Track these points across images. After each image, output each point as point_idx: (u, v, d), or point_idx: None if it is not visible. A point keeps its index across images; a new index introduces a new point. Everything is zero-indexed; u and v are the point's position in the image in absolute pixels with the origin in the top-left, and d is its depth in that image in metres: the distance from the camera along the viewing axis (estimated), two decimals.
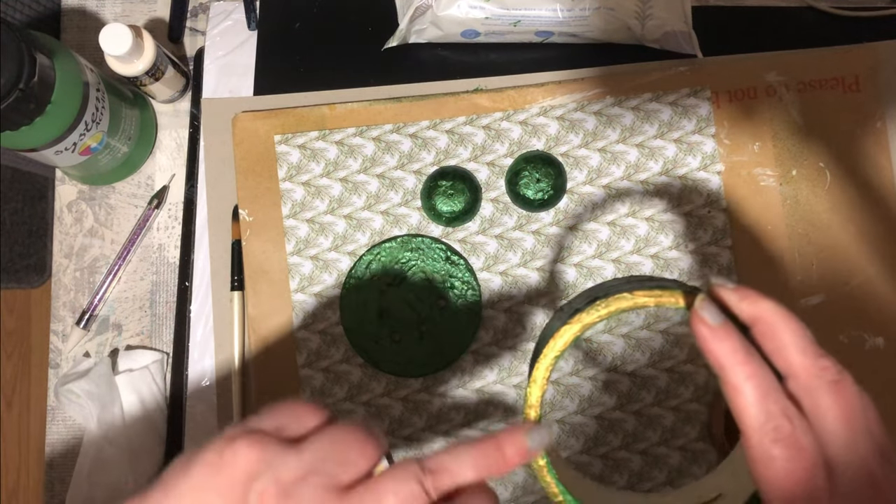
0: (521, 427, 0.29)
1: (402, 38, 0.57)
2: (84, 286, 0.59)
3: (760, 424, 0.27)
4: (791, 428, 0.27)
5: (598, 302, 0.30)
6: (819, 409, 0.27)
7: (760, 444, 0.27)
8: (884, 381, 0.54)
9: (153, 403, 0.56)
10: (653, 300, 0.30)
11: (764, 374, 0.27)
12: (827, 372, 0.27)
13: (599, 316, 0.30)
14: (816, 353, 0.28)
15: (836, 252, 0.55)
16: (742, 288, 0.29)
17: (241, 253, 0.56)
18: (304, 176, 0.56)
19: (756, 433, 0.27)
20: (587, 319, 0.30)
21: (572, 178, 0.56)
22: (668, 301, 0.30)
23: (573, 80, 0.57)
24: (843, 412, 0.27)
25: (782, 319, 0.28)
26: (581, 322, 0.30)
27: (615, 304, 0.30)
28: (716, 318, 0.28)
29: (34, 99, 0.47)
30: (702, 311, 0.28)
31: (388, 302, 0.55)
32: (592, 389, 0.54)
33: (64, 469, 0.56)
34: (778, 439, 0.26)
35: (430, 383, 0.55)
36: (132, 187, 0.60)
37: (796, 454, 0.26)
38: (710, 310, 0.28)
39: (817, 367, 0.27)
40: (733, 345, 0.28)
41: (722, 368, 0.28)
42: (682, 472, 0.53)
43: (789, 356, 0.28)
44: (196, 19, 0.62)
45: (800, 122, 0.56)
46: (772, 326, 0.28)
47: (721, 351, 0.28)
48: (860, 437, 0.27)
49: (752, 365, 0.27)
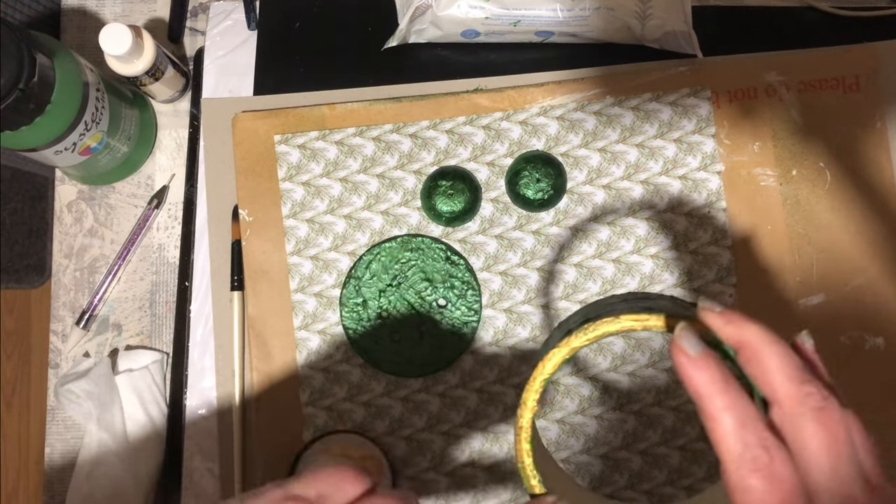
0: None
1: (402, 38, 0.57)
2: (84, 286, 0.59)
3: (738, 455, 0.27)
4: (768, 459, 0.26)
5: (587, 325, 0.31)
6: (802, 438, 0.27)
7: (738, 474, 0.27)
8: (884, 381, 0.54)
9: (153, 403, 0.56)
10: (639, 324, 0.30)
11: (742, 404, 0.27)
12: (811, 399, 0.27)
13: (588, 339, 0.31)
14: (801, 380, 0.27)
15: (836, 252, 0.55)
16: (728, 312, 0.29)
17: (241, 253, 0.56)
18: (304, 176, 0.56)
19: (733, 463, 0.27)
20: (575, 343, 0.31)
21: (572, 178, 0.56)
22: (654, 325, 0.30)
23: (573, 80, 0.57)
24: (826, 440, 0.27)
25: (767, 344, 0.28)
26: (569, 346, 0.31)
27: (603, 328, 0.31)
28: (694, 348, 0.28)
29: (34, 99, 0.47)
30: (680, 341, 0.28)
31: (388, 302, 0.55)
32: (592, 389, 0.54)
33: (64, 469, 0.56)
34: (755, 469, 0.26)
35: (430, 383, 0.55)
36: (132, 187, 0.60)
37: (774, 485, 0.26)
38: (689, 339, 0.28)
39: (801, 393, 0.27)
40: (711, 375, 0.28)
41: (700, 398, 0.28)
42: (682, 472, 0.53)
43: (773, 382, 0.27)
44: (196, 19, 0.62)
45: (800, 122, 0.56)
46: (757, 352, 0.28)
47: (699, 380, 0.28)
48: (843, 465, 0.26)
49: (729, 395, 0.27)
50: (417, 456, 0.54)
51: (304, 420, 0.54)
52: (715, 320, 0.29)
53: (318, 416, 0.54)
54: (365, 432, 0.54)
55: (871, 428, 0.28)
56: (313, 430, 0.54)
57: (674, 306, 0.32)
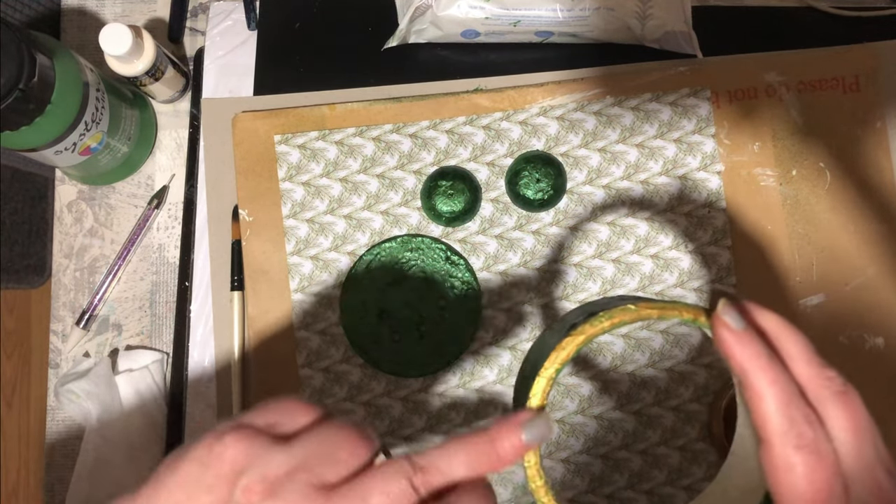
0: (517, 419, 0.28)
1: (402, 38, 0.57)
2: (84, 286, 0.59)
3: (784, 431, 0.27)
4: (813, 435, 0.26)
5: (601, 314, 0.30)
6: (828, 420, 0.27)
7: (783, 451, 0.27)
8: (884, 381, 0.54)
9: (153, 403, 0.56)
10: (657, 312, 0.30)
11: (786, 380, 0.27)
12: (833, 382, 0.27)
13: (603, 328, 0.30)
14: (821, 364, 0.28)
15: (836, 252, 0.55)
16: (746, 302, 0.29)
17: (241, 253, 0.56)
18: (304, 176, 0.56)
19: (779, 439, 0.27)
20: (591, 331, 0.30)
21: (572, 178, 0.56)
22: (672, 313, 0.30)
23: (573, 80, 0.57)
24: (852, 423, 0.27)
25: (786, 331, 0.28)
26: (585, 333, 0.30)
27: (619, 316, 0.30)
28: (739, 323, 0.28)
29: (34, 99, 0.47)
30: (725, 315, 0.28)
31: (388, 302, 0.55)
32: (592, 389, 0.54)
33: (64, 469, 0.56)
34: (801, 446, 0.26)
35: (430, 383, 0.55)
36: (132, 187, 0.60)
37: (818, 462, 0.26)
38: (733, 314, 0.28)
39: (823, 377, 0.27)
40: (756, 350, 0.28)
41: (745, 373, 0.28)
42: (682, 472, 0.53)
43: (795, 367, 0.28)
44: (196, 19, 0.62)
45: (800, 122, 0.56)
46: (776, 338, 0.28)
47: (744, 355, 0.28)
48: (867, 448, 0.27)
49: (774, 370, 0.27)
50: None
51: None
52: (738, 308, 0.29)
53: None
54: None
55: None
56: None
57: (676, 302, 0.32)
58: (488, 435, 0.28)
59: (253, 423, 0.28)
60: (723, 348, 0.28)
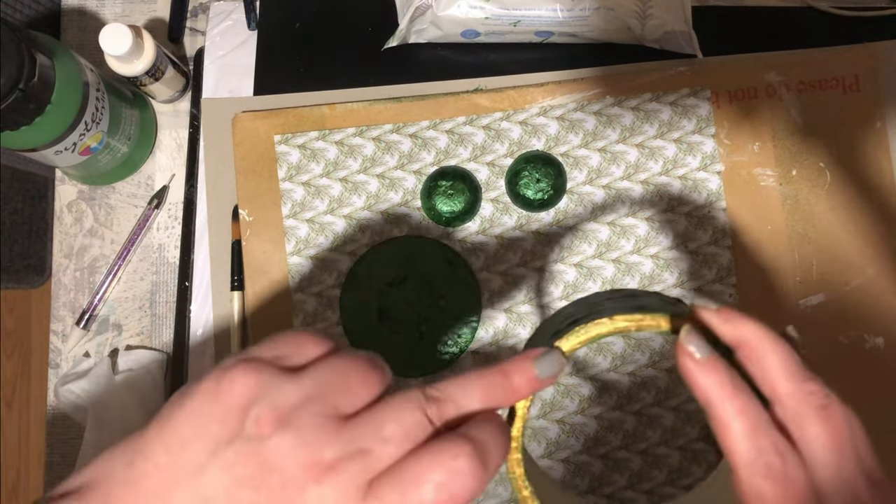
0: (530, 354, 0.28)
1: (402, 38, 0.57)
2: (84, 286, 0.59)
3: (751, 461, 0.26)
4: (782, 463, 0.26)
5: (578, 328, 0.29)
6: (807, 437, 0.26)
7: (751, 481, 0.26)
8: (884, 381, 0.54)
9: (153, 404, 0.56)
10: (633, 324, 0.29)
11: (753, 408, 0.27)
12: (814, 397, 0.27)
13: (580, 342, 0.29)
14: (803, 377, 0.27)
15: (836, 252, 0.55)
16: (725, 310, 0.28)
17: (241, 253, 0.56)
18: (304, 176, 0.56)
19: (747, 470, 0.26)
20: (565, 347, 0.29)
21: (572, 178, 0.56)
22: (649, 325, 0.29)
23: (573, 80, 0.57)
24: (831, 439, 0.26)
25: (767, 342, 0.27)
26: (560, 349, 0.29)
27: (595, 330, 0.29)
28: (702, 351, 0.27)
29: (34, 99, 0.47)
30: (687, 344, 0.27)
31: (388, 302, 0.55)
32: (592, 389, 0.54)
33: (64, 469, 0.56)
34: (769, 476, 0.26)
35: (430, 383, 0.55)
36: (132, 187, 0.60)
37: (787, 491, 0.26)
38: (696, 342, 0.28)
39: (804, 392, 0.27)
40: (720, 378, 0.27)
41: (709, 403, 0.27)
42: (682, 472, 0.53)
43: (775, 381, 0.27)
44: (196, 19, 0.62)
45: (800, 122, 0.56)
46: (756, 350, 0.27)
47: (708, 385, 0.27)
48: (848, 463, 0.26)
49: (740, 399, 0.27)
50: None
51: None
52: (712, 318, 0.28)
53: None
54: None
55: (870, 429, 0.28)
56: None
57: (664, 304, 0.31)
58: (502, 368, 0.27)
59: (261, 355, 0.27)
60: (686, 377, 0.27)
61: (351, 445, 0.24)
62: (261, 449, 0.24)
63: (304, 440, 0.24)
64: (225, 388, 0.25)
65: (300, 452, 0.24)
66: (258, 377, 0.25)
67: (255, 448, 0.24)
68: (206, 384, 0.26)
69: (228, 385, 0.25)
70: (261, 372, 0.26)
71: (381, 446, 0.24)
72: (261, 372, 0.26)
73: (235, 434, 0.25)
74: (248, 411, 0.25)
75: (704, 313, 0.29)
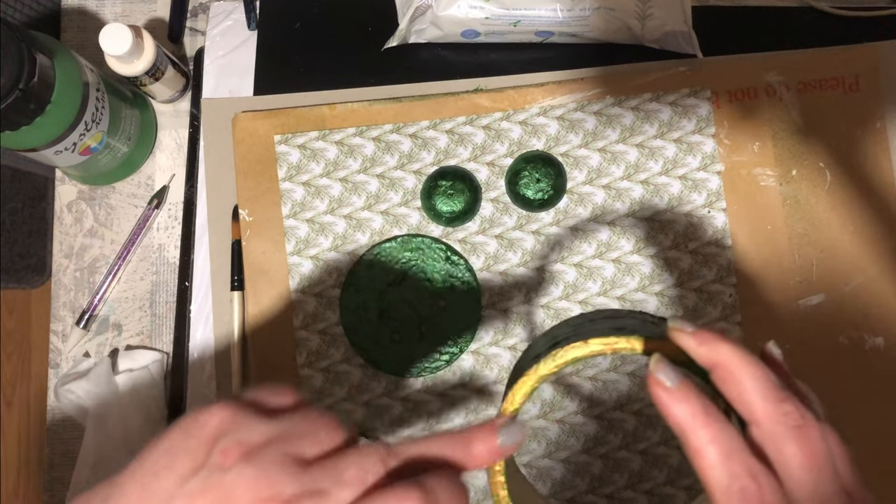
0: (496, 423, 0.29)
1: (402, 38, 0.57)
2: (84, 286, 0.59)
3: (726, 487, 0.26)
4: (757, 487, 0.26)
5: (556, 351, 0.30)
6: (784, 457, 0.27)
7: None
8: (884, 381, 0.54)
9: (153, 404, 0.56)
10: (608, 347, 0.29)
11: (725, 434, 0.27)
12: (789, 417, 0.27)
13: (556, 366, 0.30)
14: (778, 398, 0.27)
15: (836, 252, 0.55)
16: (700, 332, 0.28)
17: (241, 253, 0.56)
18: (304, 176, 0.56)
19: (722, 496, 0.26)
20: (543, 371, 0.30)
21: (572, 178, 0.56)
22: (623, 347, 0.29)
23: (573, 80, 0.57)
24: (807, 457, 0.26)
25: (742, 364, 0.27)
26: (537, 374, 0.30)
27: (571, 353, 0.30)
28: (672, 380, 0.28)
29: (34, 99, 0.47)
30: (657, 374, 0.28)
31: (388, 302, 0.55)
32: (592, 389, 0.54)
33: (64, 469, 0.56)
34: (744, 500, 0.26)
35: (430, 383, 0.55)
36: (132, 187, 0.60)
37: None
38: (666, 371, 0.28)
39: (779, 412, 0.27)
40: (692, 407, 0.27)
41: (682, 431, 0.27)
42: (682, 472, 0.53)
43: (751, 403, 0.27)
44: (196, 19, 0.62)
45: (800, 122, 0.56)
46: (732, 372, 0.27)
47: (680, 413, 0.27)
48: (825, 480, 0.26)
49: (712, 427, 0.27)
50: None
51: None
52: (687, 341, 0.28)
53: None
54: (365, 432, 0.54)
55: (870, 429, 0.28)
56: None
57: (643, 325, 0.31)
58: (466, 435, 0.29)
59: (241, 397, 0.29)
60: (658, 406, 0.28)
61: (310, 485, 0.26)
62: (222, 479, 0.26)
63: (265, 475, 0.25)
64: (200, 422, 0.27)
65: (260, 485, 0.25)
66: (233, 414, 0.27)
67: (217, 478, 0.26)
68: (183, 421, 0.28)
69: (204, 419, 0.27)
70: (236, 410, 0.27)
71: (338, 489, 0.26)
72: (236, 410, 0.27)
73: (202, 464, 0.26)
74: (217, 443, 0.26)
75: (680, 336, 0.29)
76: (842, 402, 0.29)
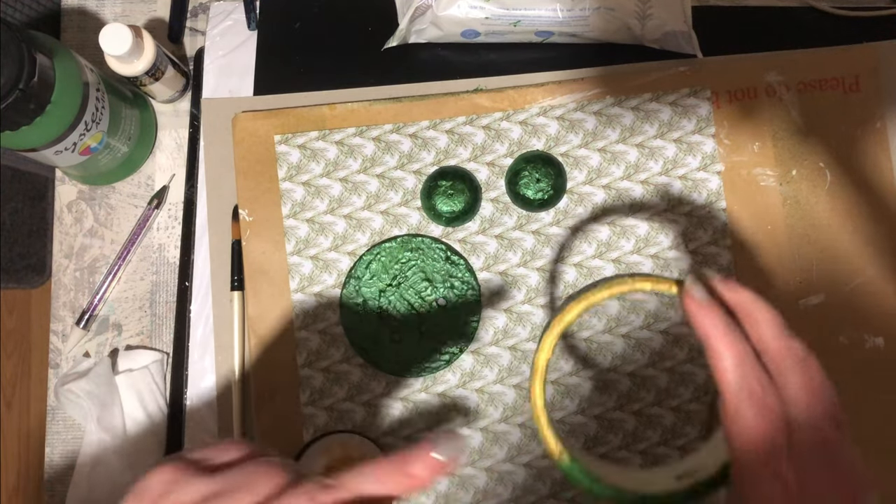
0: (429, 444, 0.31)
1: (402, 38, 0.57)
2: (84, 286, 0.59)
3: (737, 386, 0.31)
4: (762, 391, 0.31)
5: (601, 285, 0.35)
6: (786, 379, 0.32)
7: (735, 402, 0.31)
8: (884, 381, 0.54)
9: (153, 403, 0.56)
10: (650, 284, 0.34)
11: (742, 345, 0.32)
12: (795, 351, 0.32)
13: (604, 296, 0.34)
14: (787, 336, 0.32)
15: (836, 252, 0.55)
16: (726, 279, 0.34)
17: (241, 253, 0.56)
18: (304, 176, 0.56)
19: (731, 393, 0.32)
20: (593, 298, 0.35)
21: (572, 178, 0.56)
22: (663, 287, 0.35)
23: (573, 80, 0.57)
24: (806, 382, 0.31)
25: (759, 306, 0.33)
26: (587, 300, 0.35)
27: (617, 287, 0.34)
28: (703, 296, 0.33)
29: (34, 99, 0.47)
30: (692, 291, 0.33)
31: (388, 302, 0.55)
32: (592, 389, 0.54)
33: (64, 469, 0.56)
34: (749, 399, 0.31)
35: (430, 383, 0.55)
36: (132, 187, 0.60)
37: (763, 411, 0.31)
38: (699, 289, 0.33)
39: (787, 346, 0.32)
40: (716, 319, 0.32)
41: (707, 337, 0.32)
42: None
43: (763, 336, 0.32)
44: (196, 19, 0.62)
45: (800, 122, 0.56)
46: (751, 312, 0.33)
47: (706, 323, 0.32)
48: (818, 404, 0.31)
49: (731, 336, 0.32)
50: None
51: (304, 420, 0.54)
52: (717, 284, 0.34)
53: (318, 417, 0.54)
54: (365, 432, 0.54)
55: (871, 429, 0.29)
56: (313, 431, 0.54)
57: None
58: (401, 458, 0.30)
59: (185, 456, 0.31)
60: (689, 317, 0.33)
61: None
62: None
63: None
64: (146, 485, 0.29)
65: None
66: (174, 474, 0.29)
67: None
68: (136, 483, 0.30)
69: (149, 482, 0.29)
70: (177, 470, 0.30)
71: None
72: (177, 470, 0.30)
73: None
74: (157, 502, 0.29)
75: (709, 279, 0.34)
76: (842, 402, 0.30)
